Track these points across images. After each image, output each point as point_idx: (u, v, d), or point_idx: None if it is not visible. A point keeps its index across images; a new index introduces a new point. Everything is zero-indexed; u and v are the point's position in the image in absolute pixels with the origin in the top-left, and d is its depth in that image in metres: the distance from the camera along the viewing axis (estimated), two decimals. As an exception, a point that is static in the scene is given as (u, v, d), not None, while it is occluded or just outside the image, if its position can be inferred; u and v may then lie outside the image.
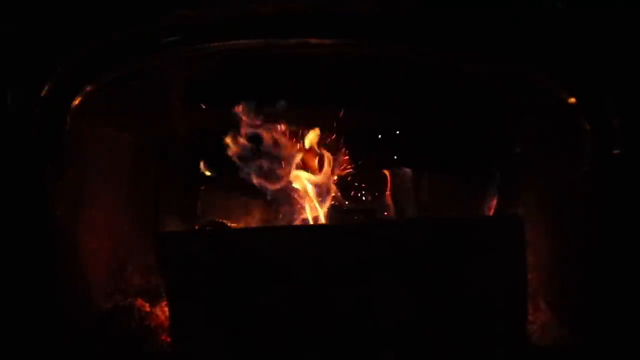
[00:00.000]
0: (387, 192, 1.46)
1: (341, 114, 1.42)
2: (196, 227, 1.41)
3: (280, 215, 1.40)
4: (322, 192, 1.37)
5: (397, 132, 1.48)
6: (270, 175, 1.36)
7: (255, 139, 1.38)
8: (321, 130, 1.39)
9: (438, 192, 1.48)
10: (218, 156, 1.45)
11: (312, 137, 1.38)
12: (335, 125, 1.41)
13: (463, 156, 1.45)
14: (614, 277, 1.13)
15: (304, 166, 1.37)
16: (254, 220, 1.45)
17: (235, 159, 1.34)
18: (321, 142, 1.38)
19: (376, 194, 1.48)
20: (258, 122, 1.34)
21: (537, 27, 1.11)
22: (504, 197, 1.36)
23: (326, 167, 1.38)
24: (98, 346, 1.17)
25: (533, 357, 1.15)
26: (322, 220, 1.36)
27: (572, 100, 1.14)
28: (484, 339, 1.14)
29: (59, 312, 1.14)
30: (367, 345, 1.13)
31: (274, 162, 1.36)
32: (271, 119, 1.36)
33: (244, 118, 1.32)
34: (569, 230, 1.23)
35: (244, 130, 1.33)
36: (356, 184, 1.46)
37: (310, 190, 1.36)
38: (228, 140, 1.33)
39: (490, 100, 1.38)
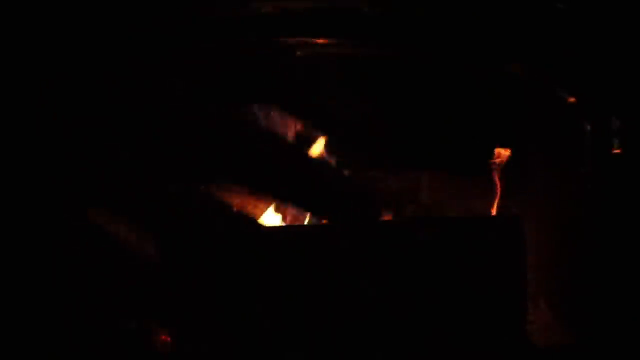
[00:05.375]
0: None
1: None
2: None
3: (281, 216, 1.40)
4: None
5: (394, 131, 1.47)
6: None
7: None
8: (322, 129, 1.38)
9: (438, 192, 1.48)
10: (218, 156, 1.46)
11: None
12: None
13: (462, 156, 1.45)
14: (614, 277, 1.13)
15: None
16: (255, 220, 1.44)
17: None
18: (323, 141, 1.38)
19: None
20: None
21: (538, 27, 1.11)
22: (504, 197, 1.36)
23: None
24: (98, 346, 1.17)
25: (533, 357, 1.15)
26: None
27: (572, 100, 1.14)
28: (483, 340, 1.14)
29: (59, 312, 1.14)
30: (367, 345, 1.13)
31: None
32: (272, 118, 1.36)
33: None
34: (569, 230, 1.23)
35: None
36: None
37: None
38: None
39: (490, 100, 1.38)
